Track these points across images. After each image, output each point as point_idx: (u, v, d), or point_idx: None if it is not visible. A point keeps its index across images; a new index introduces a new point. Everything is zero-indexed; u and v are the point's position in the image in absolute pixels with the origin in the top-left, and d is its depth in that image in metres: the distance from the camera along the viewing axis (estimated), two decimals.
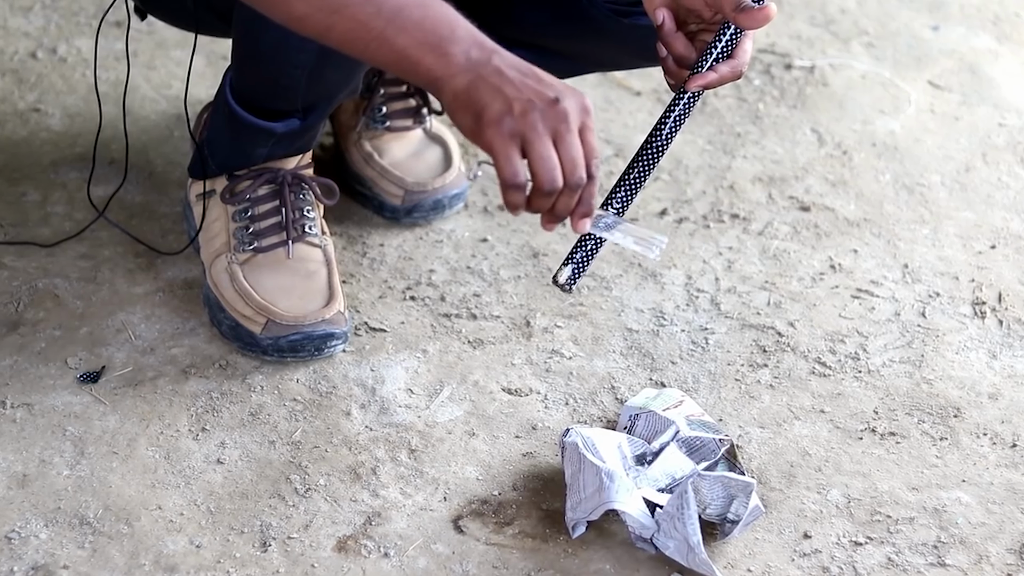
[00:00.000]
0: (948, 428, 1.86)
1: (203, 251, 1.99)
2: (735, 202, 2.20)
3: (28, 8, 2.53)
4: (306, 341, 1.89)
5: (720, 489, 1.69)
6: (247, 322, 1.91)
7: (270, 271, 1.94)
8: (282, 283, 1.93)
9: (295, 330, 1.89)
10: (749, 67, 2.45)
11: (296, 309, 1.90)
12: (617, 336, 1.98)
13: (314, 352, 1.90)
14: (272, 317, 1.89)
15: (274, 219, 1.96)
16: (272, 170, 1.97)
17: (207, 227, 1.99)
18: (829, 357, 1.95)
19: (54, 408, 1.85)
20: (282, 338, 1.89)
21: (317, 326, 1.89)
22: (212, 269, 1.96)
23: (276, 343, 1.89)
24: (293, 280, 1.93)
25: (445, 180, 2.13)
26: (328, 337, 1.90)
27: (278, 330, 1.89)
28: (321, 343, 1.90)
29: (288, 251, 1.95)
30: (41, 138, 2.26)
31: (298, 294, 1.92)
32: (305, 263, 1.95)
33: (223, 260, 1.95)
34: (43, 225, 2.10)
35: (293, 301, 1.91)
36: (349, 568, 1.68)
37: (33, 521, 1.71)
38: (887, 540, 1.72)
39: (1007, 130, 2.35)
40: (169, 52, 2.44)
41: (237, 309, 1.92)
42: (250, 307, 1.91)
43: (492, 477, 1.79)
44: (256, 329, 1.90)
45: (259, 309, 1.90)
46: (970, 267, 2.10)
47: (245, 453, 1.80)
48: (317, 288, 1.93)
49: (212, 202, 1.99)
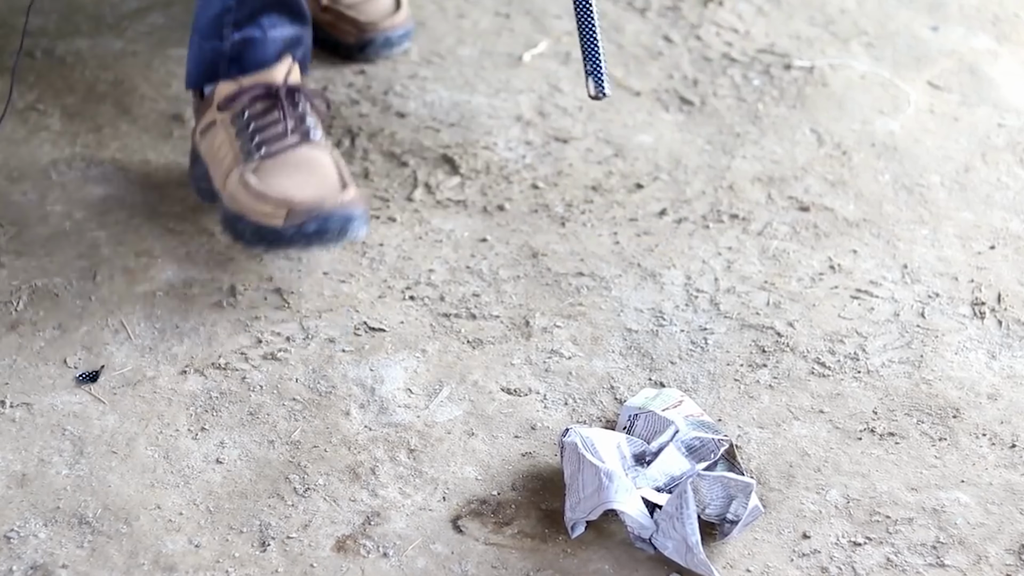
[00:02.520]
0: (947, 428, 1.86)
1: (216, 178, 2.05)
2: (734, 202, 2.20)
3: (27, 7, 2.53)
4: (329, 224, 1.94)
5: (719, 489, 1.69)
6: (268, 219, 1.95)
7: (281, 171, 1.99)
8: (295, 180, 1.98)
9: (316, 215, 1.94)
10: (749, 67, 2.46)
11: (314, 196, 1.95)
12: (616, 336, 1.98)
13: (338, 236, 1.95)
14: (292, 207, 1.94)
15: (278, 127, 2.03)
16: (264, 84, 2.04)
17: (214, 153, 2.05)
18: (828, 357, 1.95)
19: (53, 407, 1.85)
20: (305, 224, 1.94)
21: (337, 209, 1.94)
22: (227, 186, 2.01)
23: (300, 231, 1.94)
24: (306, 176, 1.99)
25: (394, 20, 2.42)
26: (349, 219, 1.95)
27: (299, 218, 1.94)
28: (343, 225, 1.95)
29: (296, 151, 2.01)
30: (40, 137, 2.26)
31: (313, 184, 1.97)
32: (314, 163, 2.01)
33: (235, 174, 2.01)
34: (42, 224, 2.11)
35: (309, 191, 1.95)
36: (348, 568, 1.68)
37: (32, 520, 1.71)
38: (886, 540, 1.72)
39: (1006, 130, 2.35)
40: (168, 52, 2.44)
41: (256, 210, 1.96)
42: (268, 204, 1.95)
43: (491, 477, 1.79)
44: (278, 223, 1.94)
45: (278, 203, 1.95)
46: (969, 267, 2.10)
47: (244, 453, 1.80)
48: (330, 179, 1.98)
49: (215, 131, 2.06)
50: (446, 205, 2.18)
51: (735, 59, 2.48)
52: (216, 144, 2.06)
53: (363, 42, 2.40)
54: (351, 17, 2.41)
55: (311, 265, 2.06)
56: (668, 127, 2.34)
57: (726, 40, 2.52)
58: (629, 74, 2.44)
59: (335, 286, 2.04)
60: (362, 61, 2.42)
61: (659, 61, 2.48)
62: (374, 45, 2.42)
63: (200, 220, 2.13)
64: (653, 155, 2.28)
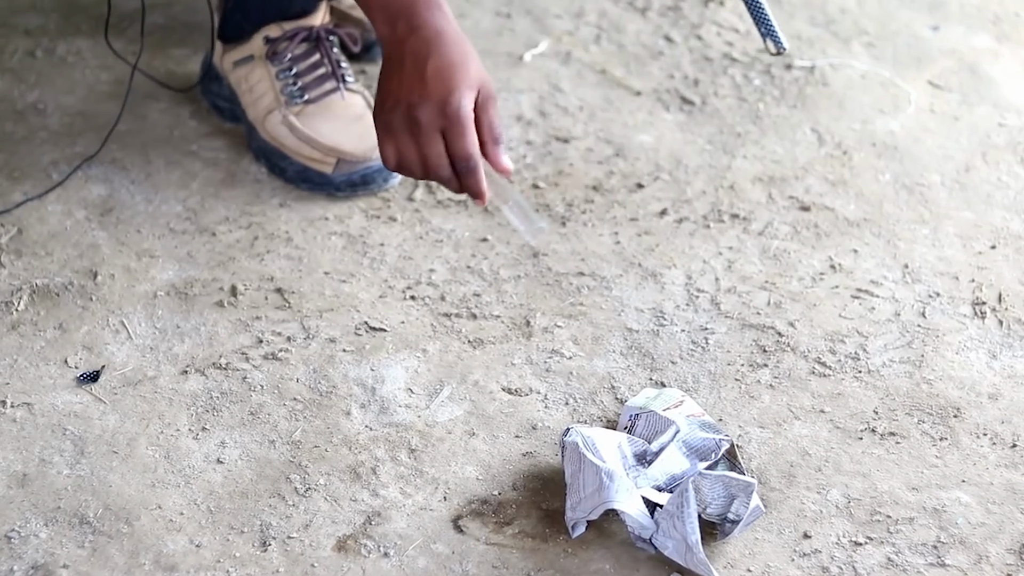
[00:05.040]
0: (948, 428, 1.86)
1: (249, 112, 2.21)
2: (735, 202, 2.20)
3: (27, 6, 2.53)
4: (375, 174, 2.15)
5: (721, 488, 1.69)
6: (316, 164, 2.14)
7: (323, 117, 2.16)
8: (338, 127, 2.15)
9: (365, 165, 2.14)
10: (750, 67, 2.46)
11: (362, 147, 2.13)
12: (617, 336, 1.98)
13: (380, 183, 2.16)
14: (342, 156, 2.13)
15: (318, 71, 2.19)
16: (306, 27, 2.19)
17: (250, 89, 2.20)
18: (829, 357, 1.95)
19: (54, 407, 1.85)
20: (354, 173, 2.14)
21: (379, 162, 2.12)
22: (266, 125, 2.18)
23: (349, 179, 2.14)
24: (347, 123, 2.16)
25: None
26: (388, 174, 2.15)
27: (349, 167, 2.13)
28: (388, 175, 2.16)
29: (340, 96, 2.18)
30: (40, 137, 2.26)
31: (357, 134, 2.14)
32: (352, 107, 2.18)
33: (276, 115, 2.17)
34: (42, 224, 2.11)
35: (356, 141, 2.14)
36: (349, 568, 1.68)
37: (33, 520, 1.71)
38: (887, 540, 1.72)
39: (1007, 130, 2.35)
40: (168, 51, 2.44)
41: (303, 154, 2.15)
42: (317, 151, 2.14)
43: (492, 477, 1.79)
44: (327, 169, 2.14)
45: (327, 151, 2.13)
46: (970, 267, 2.10)
47: (245, 452, 1.80)
48: (370, 127, 2.12)
49: (252, 66, 2.21)
50: (447, 205, 2.18)
51: (736, 59, 2.48)
52: (254, 79, 2.20)
53: (367, 42, 2.40)
54: (355, 18, 2.41)
55: (312, 265, 2.07)
56: (669, 127, 2.34)
57: (727, 40, 2.52)
58: (630, 74, 2.44)
59: (336, 286, 2.04)
60: (365, 62, 2.42)
61: (660, 61, 2.48)
62: (377, 46, 2.43)
63: (201, 220, 2.13)
64: (654, 155, 2.28)
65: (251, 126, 2.21)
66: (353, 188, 2.15)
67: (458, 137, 1.63)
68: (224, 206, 2.16)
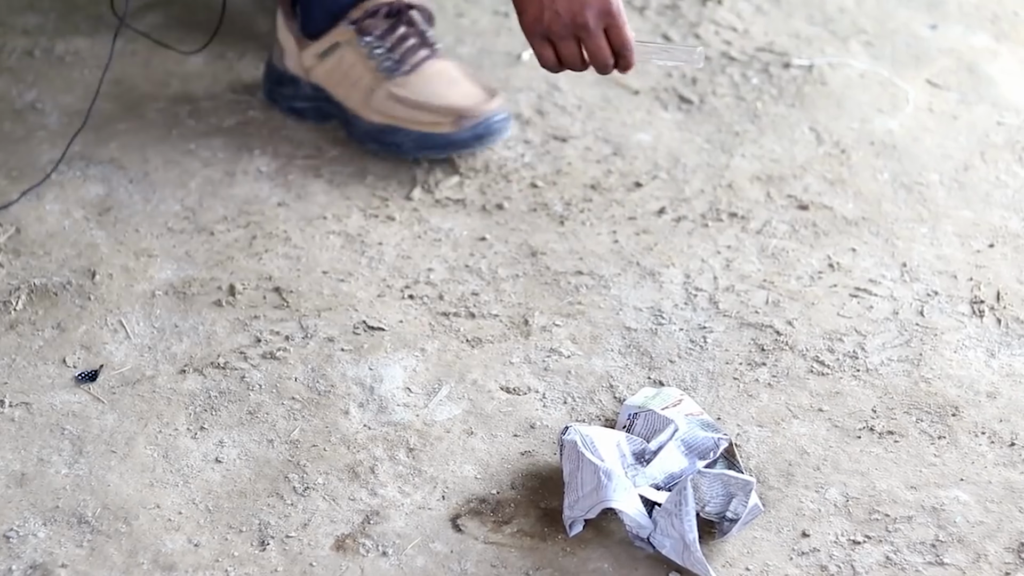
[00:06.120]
0: (946, 427, 1.86)
1: (349, 100, 2.23)
2: (733, 201, 2.20)
3: (26, 6, 2.53)
4: (496, 124, 2.20)
5: (720, 487, 1.69)
6: (435, 127, 2.18)
7: (426, 83, 2.20)
8: (444, 88, 2.20)
9: (486, 117, 2.19)
10: (748, 65, 2.46)
11: (474, 102, 2.19)
12: (615, 335, 1.98)
13: (500, 134, 2.21)
14: (461, 113, 2.18)
15: (409, 42, 2.22)
16: (385, 4, 2.23)
17: (345, 75, 2.23)
18: (827, 356, 1.95)
19: (52, 407, 1.85)
20: (478, 126, 2.18)
21: (495, 111, 2.20)
22: (373, 104, 2.21)
23: (474, 132, 2.18)
24: (450, 84, 2.21)
25: None
26: (506, 119, 2.21)
27: (470, 122, 2.18)
28: (502, 125, 2.21)
29: (431, 63, 2.22)
30: (39, 137, 2.26)
31: (463, 93, 2.20)
32: (447, 70, 2.23)
33: (382, 91, 2.20)
34: (41, 223, 2.10)
35: (466, 98, 2.19)
36: (347, 567, 1.68)
37: (31, 520, 1.71)
38: (885, 539, 1.72)
39: (1005, 129, 2.35)
40: (168, 51, 2.44)
41: (420, 120, 2.18)
42: (433, 113, 2.18)
43: (490, 476, 1.79)
44: (447, 129, 2.18)
45: (445, 112, 2.18)
46: (968, 266, 2.10)
47: (243, 452, 1.80)
48: (471, 87, 2.21)
49: (340, 53, 2.23)
50: (445, 204, 2.18)
51: (734, 58, 2.48)
52: (346, 65, 2.23)
53: None
54: None
55: (310, 264, 2.06)
56: (667, 126, 2.34)
57: (725, 39, 2.52)
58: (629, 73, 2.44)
59: (334, 285, 2.04)
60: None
61: None
62: None
63: (199, 219, 2.13)
64: (652, 154, 2.28)
65: (352, 115, 2.24)
66: (479, 140, 2.19)
67: (620, 28, 1.91)
68: (222, 205, 2.16)
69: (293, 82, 2.29)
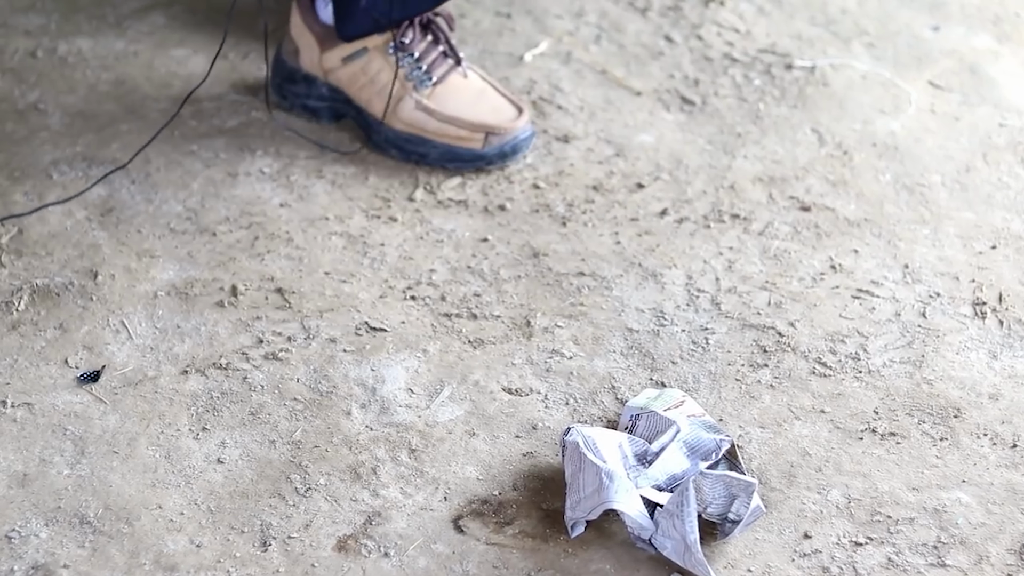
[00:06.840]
0: (948, 428, 1.86)
1: (372, 105, 2.25)
2: (735, 202, 2.20)
3: (28, 7, 2.53)
4: (521, 144, 2.23)
5: (722, 488, 1.69)
6: (464, 142, 2.21)
7: (455, 97, 2.24)
8: (473, 103, 2.24)
9: (512, 135, 2.22)
10: (750, 67, 2.46)
11: (504, 119, 2.22)
12: (617, 336, 1.98)
13: (523, 151, 2.24)
14: (491, 131, 2.21)
15: (436, 52, 2.24)
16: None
17: (371, 81, 2.25)
18: (829, 357, 1.95)
19: (54, 407, 1.85)
20: (505, 144, 2.21)
21: (520, 130, 2.23)
22: (399, 114, 2.23)
23: (500, 151, 2.21)
24: (477, 99, 2.24)
25: None
26: (530, 136, 2.25)
27: (499, 140, 2.21)
28: (529, 142, 2.24)
29: (461, 73, 2.25)
30: (41, 137, 2.26)
31: (491, 108, 2.24)
32: (473, 83, 2.26)
33: (408, 101, 2.23)
34: (42, 224, 2.11)
35: (495, 114, 2.23)
36: (349, 568, 1.68)
37: (33, 520, 1.71)
38: (887, 540, 1.72)
39: (1007, 130, 2.35)
40: (169, 52, 2.44)
41: (449, 134, 2.22)
42: (464, 129, 2.21)
43: (492, 477, 1.79)
44: (476, 145, 2.21)
45: (476, 128, 2.21)
46: (970, 267, 2.10)
47: (245, 452, 1.80)
48: (499, 100, 2.24)
49: (367, 58, 2.25)
50: (447, 205, 2.18)
51: (736, 59, 2.48)
52: (372, 70, 2.24)
53: None
54: None
55: (312, 265, 2.07)
56: (669, 127, 2.34)
57: (727, 40, 2.52)
58: (630, 74, 2.44)
59: (336, 286, 2.04)
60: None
61: (660, 61, 2.48)
62: None
63: (201, 220, 2.13)
64: (654, 155, 2.28)
65: (374, 120, 2.25)
66: (504, 159, 2.22)
67: None
68: (224, 206, 2.16)
69: (307, 81, 2.29)
